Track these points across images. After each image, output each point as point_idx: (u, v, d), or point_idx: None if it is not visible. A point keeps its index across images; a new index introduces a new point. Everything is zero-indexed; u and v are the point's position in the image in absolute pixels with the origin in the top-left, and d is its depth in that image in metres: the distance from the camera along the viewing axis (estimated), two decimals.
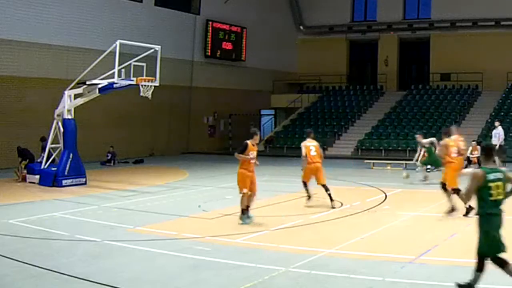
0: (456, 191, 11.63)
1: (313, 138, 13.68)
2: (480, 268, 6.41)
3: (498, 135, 20.74)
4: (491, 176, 6.25)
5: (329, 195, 13.11)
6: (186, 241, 9.81)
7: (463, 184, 8.46)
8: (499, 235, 6.26)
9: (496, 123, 21.34)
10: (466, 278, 6.90)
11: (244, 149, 10.96)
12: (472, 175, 6.35)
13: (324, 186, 13.21)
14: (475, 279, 6.44)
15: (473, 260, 8.01)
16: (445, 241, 9.39)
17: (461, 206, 11.20)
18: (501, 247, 6.24)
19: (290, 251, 8.95)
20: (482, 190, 6.26)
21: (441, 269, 6.78)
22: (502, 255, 6.24)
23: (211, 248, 9.18)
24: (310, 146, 13.37)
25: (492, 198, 6.23)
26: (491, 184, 6.23)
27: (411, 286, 6.98)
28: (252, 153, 11.06)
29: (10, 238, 9.84)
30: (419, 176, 18.38)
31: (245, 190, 10.95)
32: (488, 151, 6.63)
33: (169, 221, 11.82)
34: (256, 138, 11.19)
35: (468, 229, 10.56)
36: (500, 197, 6.30)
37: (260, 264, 8.04)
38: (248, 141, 11.07)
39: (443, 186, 12.19)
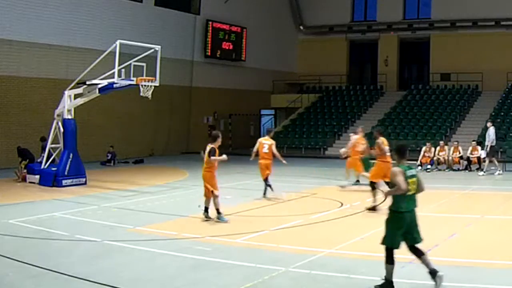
0: (373, 185, 12.70)
1: (271, 137, 14.64)
2: (390, 260, 6.76)
3: (488, 136, 20.76)
4: (409, 173, 6.81)
5: (267, 187, 14.08)
6: (186, 241, 9.81)
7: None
8: (403, 232, 6.77)
9: (488, 124, 21.34)
10: (466, 278, 6.90)
11: (214, 153, 11.39)
12: (396, 172, 6.77)
13: (265, 180, 14.15)
14: (389, 273, 6.75)
15: (473, 260, 8.02)
16: (445, 241, 9.39)
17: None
18: (399, 245, 6.77)
19: (290, 251, 8.94)
20: None
21: (441, 269, 6.78)
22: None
23: (211, 248, 9.18)
24: (264, 143, 14.35)
25: (409, 193, 6.79)
26: (408, 180, 6.75)
27: (411, 286, 7.00)
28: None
29: (10, 238, 9.83)
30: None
31: (217, 192, 11.33)
32: (401, 151, 7.10)
33: (169, 221, 11.82)
34: (219, 141, 11.59)
35: (468, 229, 10.58)
36: (414, 192, 6.88)
37: (260, 264, 8.03)
38: (213, 145, 11.46)
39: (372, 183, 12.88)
